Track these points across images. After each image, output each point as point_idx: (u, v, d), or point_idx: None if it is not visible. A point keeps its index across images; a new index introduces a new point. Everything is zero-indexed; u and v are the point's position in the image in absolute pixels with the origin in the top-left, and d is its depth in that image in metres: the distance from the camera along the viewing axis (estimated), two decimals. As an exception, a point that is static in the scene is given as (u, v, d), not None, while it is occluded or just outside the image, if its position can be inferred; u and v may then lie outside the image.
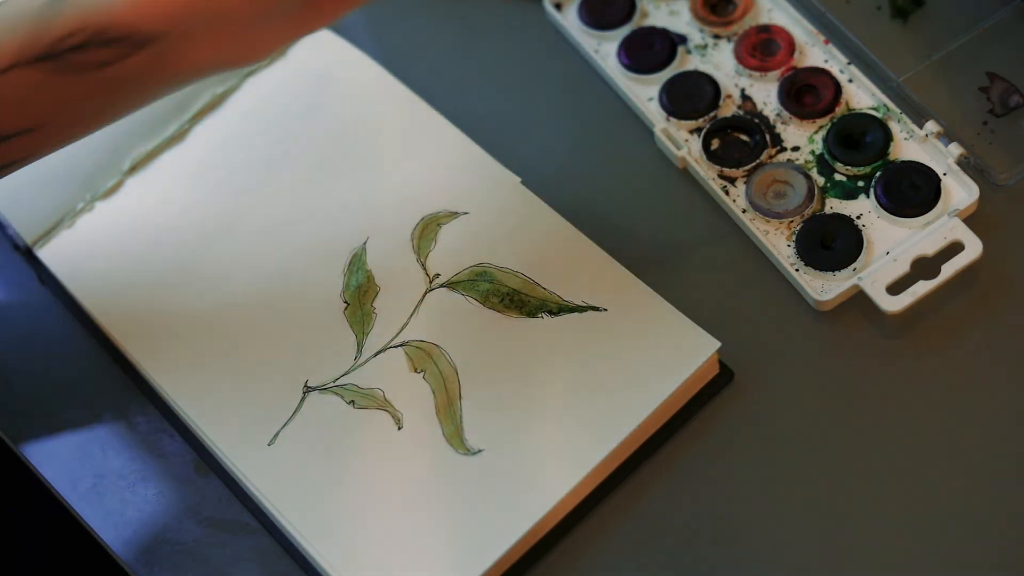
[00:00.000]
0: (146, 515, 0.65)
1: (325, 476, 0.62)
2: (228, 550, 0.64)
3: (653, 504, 0.62)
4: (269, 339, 0.65)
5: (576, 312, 0.65)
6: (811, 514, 0.61)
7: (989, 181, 0.67)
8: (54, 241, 0.71)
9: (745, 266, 0.67)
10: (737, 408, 0.64)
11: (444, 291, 0.66)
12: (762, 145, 0.69)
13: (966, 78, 0.70)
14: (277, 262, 0.68)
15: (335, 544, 0.61)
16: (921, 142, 0.68)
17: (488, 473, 0.61)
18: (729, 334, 0.64)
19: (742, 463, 0.63)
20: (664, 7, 0.75)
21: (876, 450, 0.62)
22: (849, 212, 0.67)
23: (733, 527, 0.62)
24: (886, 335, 0.65)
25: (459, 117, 0.71)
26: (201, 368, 0.65)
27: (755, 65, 0.72)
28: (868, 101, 0.70)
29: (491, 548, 0.60)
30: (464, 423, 0.62)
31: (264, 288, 0.67)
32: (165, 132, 0.73)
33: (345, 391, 0.64)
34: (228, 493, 0.64)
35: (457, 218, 0.68)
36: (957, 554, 0.60)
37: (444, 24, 0.77)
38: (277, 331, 0.66)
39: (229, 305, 0.67)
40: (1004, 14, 0.71)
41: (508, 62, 0.75)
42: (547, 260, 0.66)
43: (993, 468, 0.61)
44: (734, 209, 0.68)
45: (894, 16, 0.73)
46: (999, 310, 0.65)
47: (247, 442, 0.63)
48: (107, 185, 0.72)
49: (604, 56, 0.74)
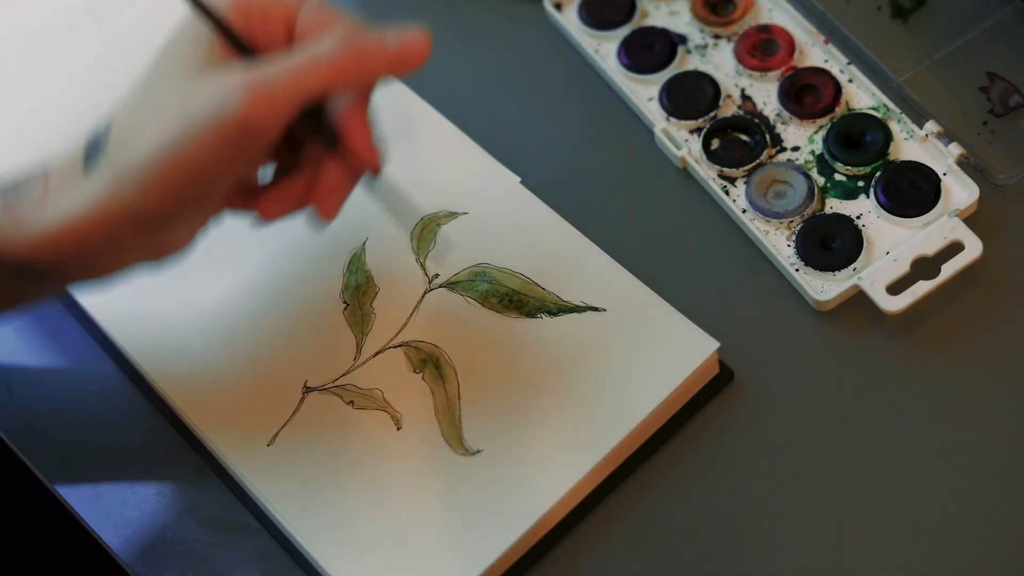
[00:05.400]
0: (146, 515, 0.65)
1: (324, 476, 0.62)
2: (228, 550, 0.64)
3: (653, 504, 0.62)
4: (269, 339, 0.65)
5: (575, 312, 0.65)
6: (811, 514, 0.61)
7: (989, 181, 0.67)
8: (54, 241, 0.71)
9: (745, 266, 0.67)
10: (737, 408, 0.64)
11: (443, 291, 0.66)
12: (762, 145, 0.69)
13: (966, 78, 0.70)
14: (277, 262, 0.68)
15: (334, 544, 0.61)
16: (921, 142, 0.68)
17: (487, 473, 0.61)
18: (729, 334, 0.64)
19: (742, 463, 0.63)
20: (664, 7, 0.75)
21: (876, 450, 0.62)
22: (849, 212, 0.67)
23: (733, 527, 0.62)
24: (886, 335, 0.65)
25: (459, 117, 0.71)
26: (200, 368, 0.65)
27: (755, 65, 0.72)
28: (868, 101, 0.70)
29: (490, 548, 0.60)
30: (463, 423, 0.62)
31: (263, 288, 0.67)
32: (165, 132, 0.73)
33: (344, 391, 0.64)
34: (228, 493, 0.64)
35: (457, 218, 0.68)
36: (957, 553, 0.60)
37: (444, 24, 0.77)
38: (276, 331, 0.66)
39: (228, 305, 0.67)
40: (1004, 14, 0.71)
41: (508, 62, 0.75)
42: (546, 260, 0.66)
43: (993, 468, 0.61)
44: (734, 209, 0.68)
45: (894, 16, 0.73)
46: (999, 310, 0.65)
47: (247, 442, 0.63)
48: (107, 185, 0.72)
49: (604, 56, 0.74)
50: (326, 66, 0.54)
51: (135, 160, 0.54)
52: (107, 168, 0.55)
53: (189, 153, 0.53)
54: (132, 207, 0.55)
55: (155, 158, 0.54)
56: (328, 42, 0.55)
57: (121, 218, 0.55)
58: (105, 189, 0.55)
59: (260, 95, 0.53)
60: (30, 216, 0.56)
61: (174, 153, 0.53)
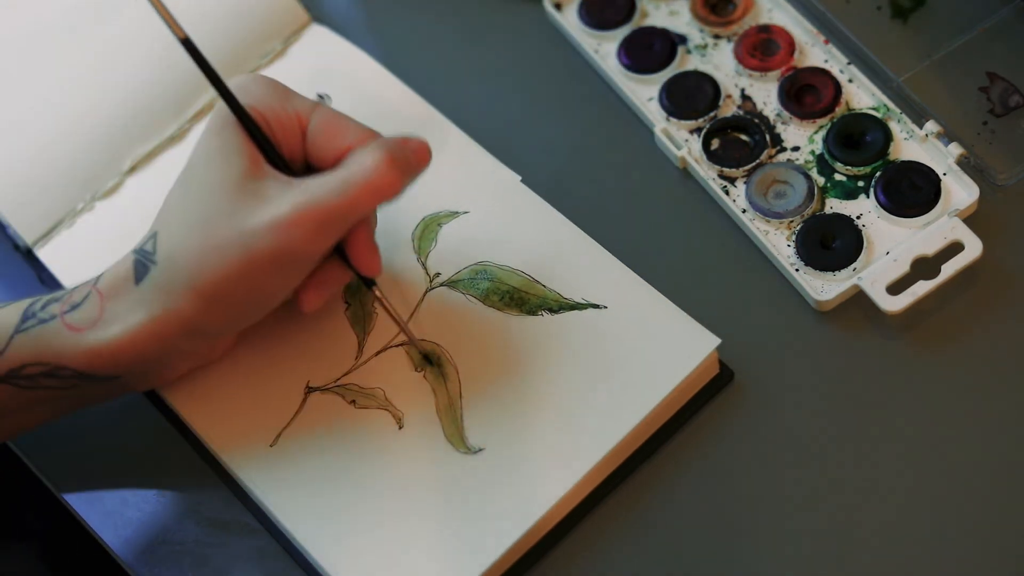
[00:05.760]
0: (146, 515, 0.65)
1: (326, 476, 0.62)
2: (228, 550, 0.64)
3: (653, 504, 0.62)
4: (271, 340, 0.65)
5: (576, 310, 0.65)
6: (811, 514, 0.61)
7: (989, 181, 0.67)
8: (54, 241, 0.71)
9: (745, 266, 0.67)
10: (737, 408, 0.64)
11: (444, 290, 0.66)
12: (762, 145, 0.69)
13: (966, 78, 0.70)
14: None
15: (335, 544, 0.61)
16: (921, 142, 0.68)
17: (488, 472, 0.61)
18: (729, 334, 0.64)
19: (742, 463, 0.63)
20: (664, 7, 0.75)
21: (876, 450, 0.62)
22: (849, 212, 0.67)
23: (733, 527, 0.62)
24: (886, 335, 0.65)
25: (459, 117, 0.71)
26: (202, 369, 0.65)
27: (755, 65, 0.72)
28: (868, 101, 0.70)
29: (491, 547, 0.60)
30: (465, 422, 0.62)
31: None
32: (165, 132, 0.73)
33: (346, 391, 0.64)
34: (228, 493, 0.64)
35: (458, 217, 0.68)
36: (957, 553, 0.60)
37: (444, 24, 0.77)
38: (279, 331, 0.65)
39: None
40: (1004, 14, 0.71)
41: (508, 62, 0.75)
42: (547, 258, 0.66)
43: (993, 468, 0.61)
44: (734, 209, 0.68)
45: (894, 16, 0.73)
46: (999, 310, 0.65)
47: (248, 443, 0.63)
48: (107, 185, 0.72)
49: (604, 56, 0.74)
50: (375, 186, 0.57)
51: (193, 280, 0.57)
52: (161, 284, 0.58)
53: (252, 278, 0.57)
54: (190, 320, 0.58)
55: (219, 283, 0.57)
56: (371, 160, 0.57)
57: (178, 330, 0.58)
58: (161, 303, 0.58)
59: (317, 226, 0.56)
60: (89, 331, 0.59)
61: (237, 279, 0.57)
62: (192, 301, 0.58)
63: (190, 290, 0.57)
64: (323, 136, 0.60)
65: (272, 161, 0.59)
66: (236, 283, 0.57)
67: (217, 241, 0.57)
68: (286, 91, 0.61)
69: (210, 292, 0.57)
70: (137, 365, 0.60)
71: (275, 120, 0.60)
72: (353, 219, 0.58)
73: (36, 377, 0.59)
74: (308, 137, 0.60)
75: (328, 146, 0.60)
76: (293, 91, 0.61)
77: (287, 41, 0.76)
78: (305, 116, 0.60)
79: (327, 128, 0.60)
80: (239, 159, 0.58)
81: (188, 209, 0.58)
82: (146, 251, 0.59)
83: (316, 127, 0.60)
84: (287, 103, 0.60)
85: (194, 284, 0.57)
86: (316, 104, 0.61)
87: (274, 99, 0.60)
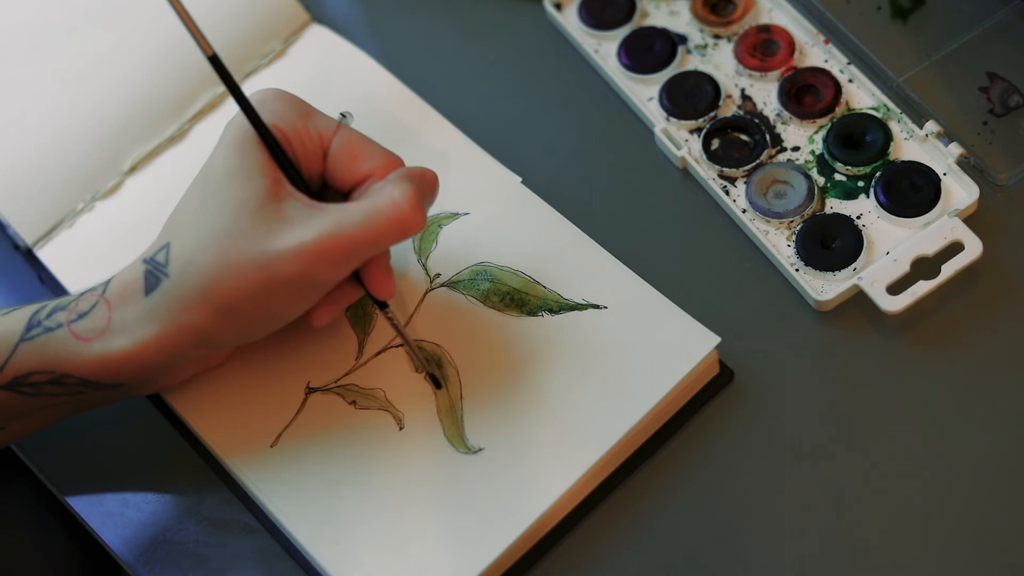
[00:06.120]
0: (146, 515, 0.65)
1: (326, 477, 0.62)
2: (228, 550, 0.64)
3: (653, 504, 0.62)
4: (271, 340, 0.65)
5: (577, 310, 0.65)
6: (811, 514, 0.61)
7: (989, 181, 0.67)
8: (54, 241, 0.71)
9: (745, 266, 0.67)
10: (737, 408, 0.64)
11: (445, 291, 0.66)
12: (762, 145, 0.69)
13: (966, 78, 0.70)
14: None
15: (336, 544, 0.61)
16: (921, 142, 0.68)
17: (488, 472, 0.61)
18: (729, 334, 0.64)
19: (742, 463, 0.63)
20: (664, 7, 0.75)
21: (876, 450, 0.62)
22: (849, 212, 0.67)
23: (733, 527, 0.62)
24: (886, 335, 0.65)
25: (459, 117, 0.71)
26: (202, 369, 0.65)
27: (755, 65, 0.72)
28: (868, 101, 0.70)
29: (491, 547, 0.60)
30: (465, 422, 0.63)
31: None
32: (165, 132, 0.73)
33: (347, 391, 0.64)
34: (228, 493, 0.64)
35: (458, 218, 0.68)
36: (957, 553, 0.60)
37: (444, 23, 0.77)
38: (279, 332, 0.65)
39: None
40: (1004, 14, 0.71)
41: (508, 62, 0.75)
42: (547, 259, 0.66)
43: (993, 468, 0.61)
44: (734, 209, 0.68)
45: (894, 16, 0.73)
46: (999, 310, 0.65)
47: (249, 444, 0.63)
48: (107, 185, 0.72)
49: (604, 56, 0.74)
50: (402, 221, 0.57)
51: (207, 295, 0.57)
52: (173, 296, 0.58)
53: (269, 297, 0.57)
54: (202, 333, 0.58)
55: (235, 300, 0.57)
56: (400, 194, 0.57)
57: (188, 342, 0.59)
58: (172, 316, 0.58)
59: (341, 255, 0.57)
60: (96, 340, 0.59)
61: (253, 298, 0.57)
62: (206, 315, 0.58)
63: (205, 305, 0.57)
64: (344, 158, 0.59)
65: (293, 181, 0.59)
66: (252, 301, 0.57)
67: (236, 259, 0.57)
68: (308, 110, 0.60)
69: (226, 308, 0.57)
70: (143, 373, 0.60)
71: (296, 139, 0.59)
72: (377, 251, 0.58)
73: (41, 385, 0.59)
74: (329, 158, 0.60)
75: (349, 169, 0.59)
76: (315, 109, 0.60)
77: (287, 41, 0.76)
78: (327, 137, 0.60)
79: (349, 151, 0.60)
80: (262, 179, 0.58)
81: (206, 224, 0.58)
82: (157, 262, 0.59)
83: (338, 149, 0.60)
84: (309, 122, 0.60)
85: (209, 299, 0.57)
86: (339, 125, 0.60)
87: (296, 118, 0.59)
